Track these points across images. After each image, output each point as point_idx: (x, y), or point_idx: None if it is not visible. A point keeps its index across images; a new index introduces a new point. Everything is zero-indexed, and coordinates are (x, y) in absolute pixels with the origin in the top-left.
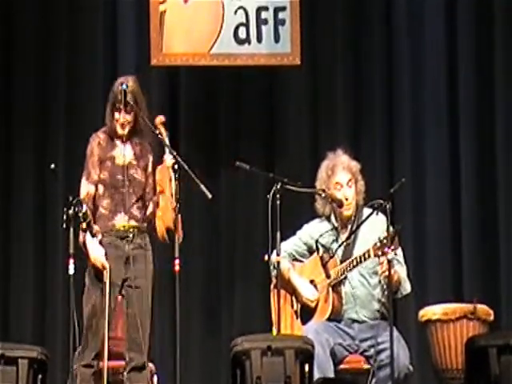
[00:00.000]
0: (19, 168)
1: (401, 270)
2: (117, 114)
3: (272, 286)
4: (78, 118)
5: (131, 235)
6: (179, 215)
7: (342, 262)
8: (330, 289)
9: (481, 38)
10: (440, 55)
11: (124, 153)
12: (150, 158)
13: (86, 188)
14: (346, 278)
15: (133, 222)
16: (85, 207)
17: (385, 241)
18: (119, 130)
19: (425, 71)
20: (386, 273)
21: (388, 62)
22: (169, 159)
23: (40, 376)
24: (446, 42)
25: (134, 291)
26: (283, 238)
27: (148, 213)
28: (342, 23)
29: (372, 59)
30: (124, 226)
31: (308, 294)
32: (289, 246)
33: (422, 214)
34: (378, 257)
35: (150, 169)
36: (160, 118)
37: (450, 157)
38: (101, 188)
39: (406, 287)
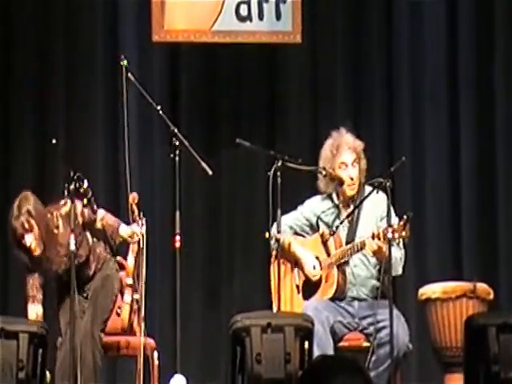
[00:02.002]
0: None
1: (396, 252)
2: (23, 241)
3: (272, 259)
4: (77, 93)
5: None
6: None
7: (346, 241)
8: (335, 268)
9: (482, 20)
10: (440, 35)
11: None
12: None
13: (33, 311)
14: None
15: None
16: (86, 182)
17: (395, 226)
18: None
19: (425, 50)
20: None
21: (388, 38)
22: (129, 230)
23: (40, 350)
24: (447, 20)
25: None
26: (284, 215)
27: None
28: (343, 1)
29: (372, 36)
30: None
31: (311, 266)
32: (290, 219)
33: (421, 192)
34: (384, 241)
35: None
36: (133, 197)
37: (449, 134)
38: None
39: (398, 268)
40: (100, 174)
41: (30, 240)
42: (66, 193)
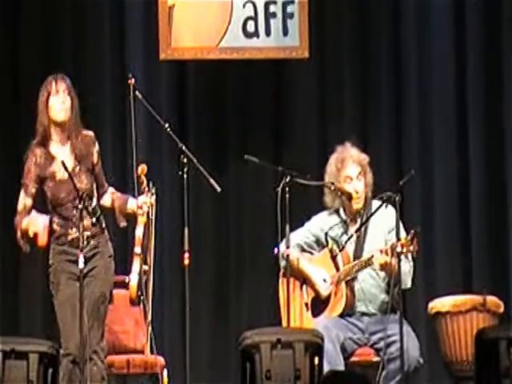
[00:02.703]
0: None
1: (405, 265)
2: (52, 99)
3: (281, 276)
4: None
5: (85, 242)
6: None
7: (354, 256)
8: (344, 284)
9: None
10: (448, 47)
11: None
12: (95, 150)
13: (22, 201)
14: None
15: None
16: (95, 202)
17: (403, 240)
18: (57, 117)
19: (433, 63)
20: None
21: (396, 55)
22: (140, 201)
23: (50, 370)
24: (455, 31)
25: (90, 281)
26: (292, 231)
27: (104, 202)
28: (349, 16)
29: (380, 52)
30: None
31: (321, 280)
32: (298, 236)
33: (430, 206)
34: (392, 256)
35: (95, 160)
36: (143, 168)
37: (458, 148)
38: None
39: (407, 281)
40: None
41: (58, 104)
42: (74, 211)
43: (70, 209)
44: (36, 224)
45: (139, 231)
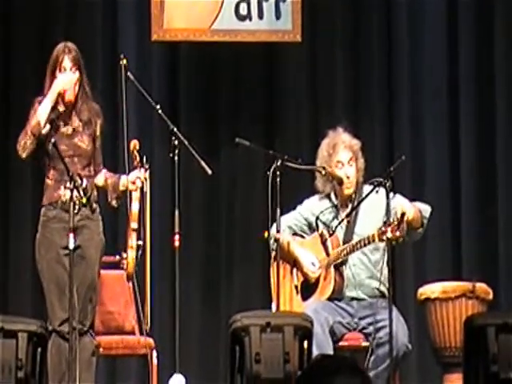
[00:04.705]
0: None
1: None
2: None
3: (272, 260)
4: None
5: (77, 207)
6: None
7: (344, 241)
8: (332, 268)
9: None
10: (440, 28)
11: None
12: (99, 122)
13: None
14: (347, 259)
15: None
16: (85, 182)
17: (391, 225)
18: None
19: (425, 51)
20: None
21: (388, 37)
22: (133, 175)
23: (39, 349)
24: (447, 16)
25: (80, 261)
26: (282, 215)
27: (97, 181)
28: (342, 1)
29: (373, 38)
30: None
31: (309, 263)
32: (289, 219)
33: (421, 192)
34: (382, 241)
35: (98, 133)
36: (134, 144)
37: (449, 134)
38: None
39: (426, 208)
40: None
41: (68, 76)
42: (64, 191)
43: (67, 164)
44: (64, 80)
45: (135, 206)
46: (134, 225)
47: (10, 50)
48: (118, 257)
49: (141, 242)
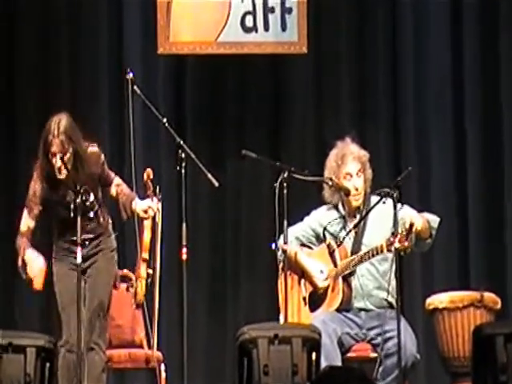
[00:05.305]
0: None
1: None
2: (53, 160)
3: (280, 271)
4: (82, 106)
5: (86, 242)
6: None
7: (352, 251)
8: (340, 279)
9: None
10: (445, 41)
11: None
12: (99, 166)
13: (26, 222)
14: (355, 269)
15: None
16: (92, 196)
17: (399, 235)
18: (58, 175)
19: (429, 60)
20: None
21: (393, 47)
22: (145, 205)
23: (48, 364)
24: (451, 19)
25: (90, 279)
26: (289, 227)
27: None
28: (348, 11)
29: (378, 49)
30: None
31: (318, 271)
32: (296, 231)
33: (427, 202)
34: (391, 251)
35: (104, 171)
36: (148, 172)
37: (455, 144)
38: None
39: (434, 219)
40: None
41: (59, 162)
42: (72, 206)
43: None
44: (32, 268)
45: (146, 236)
46: (145, 255)
47: (14, 49)
48: (125, 284)
49: (151, 271)
